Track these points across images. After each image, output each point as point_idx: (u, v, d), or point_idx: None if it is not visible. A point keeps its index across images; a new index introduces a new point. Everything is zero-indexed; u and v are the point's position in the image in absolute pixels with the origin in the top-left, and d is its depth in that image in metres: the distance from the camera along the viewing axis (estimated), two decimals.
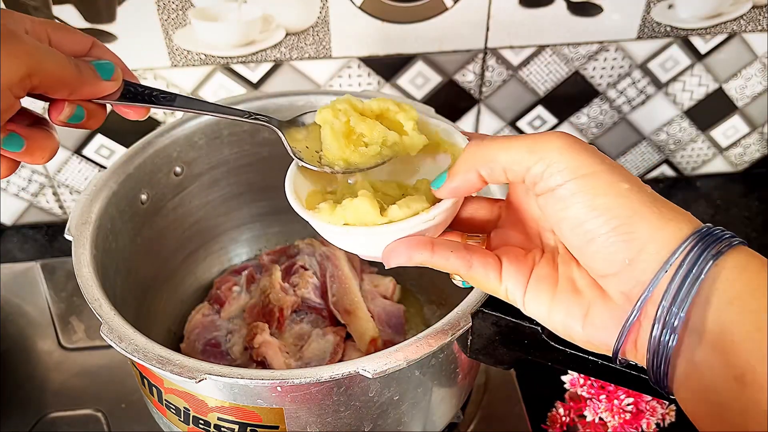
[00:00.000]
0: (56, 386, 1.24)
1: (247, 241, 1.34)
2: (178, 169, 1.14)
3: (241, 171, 1.22)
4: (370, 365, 0.76)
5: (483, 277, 0.70)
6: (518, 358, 0.87)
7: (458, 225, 0.78)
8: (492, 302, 0.83)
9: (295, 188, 0.78)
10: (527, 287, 0.68)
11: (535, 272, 0.69)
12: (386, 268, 0.73)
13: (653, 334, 0.59)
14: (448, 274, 0.73)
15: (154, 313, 1.16)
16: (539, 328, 0.82)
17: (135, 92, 0.80)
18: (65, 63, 0.70)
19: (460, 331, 0.80)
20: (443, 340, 0.79)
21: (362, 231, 0.71)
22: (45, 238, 1.54)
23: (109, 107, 0.78)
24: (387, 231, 0.71)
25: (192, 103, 0.84)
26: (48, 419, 1.18)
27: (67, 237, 0.94)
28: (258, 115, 0.85)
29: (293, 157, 0.80)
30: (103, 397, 1.21)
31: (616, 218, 0.59)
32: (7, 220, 1.56)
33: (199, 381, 0.75)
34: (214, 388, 0.81)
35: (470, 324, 0.81)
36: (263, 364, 1.10)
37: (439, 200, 0.72)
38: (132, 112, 0.81)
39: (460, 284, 0.76)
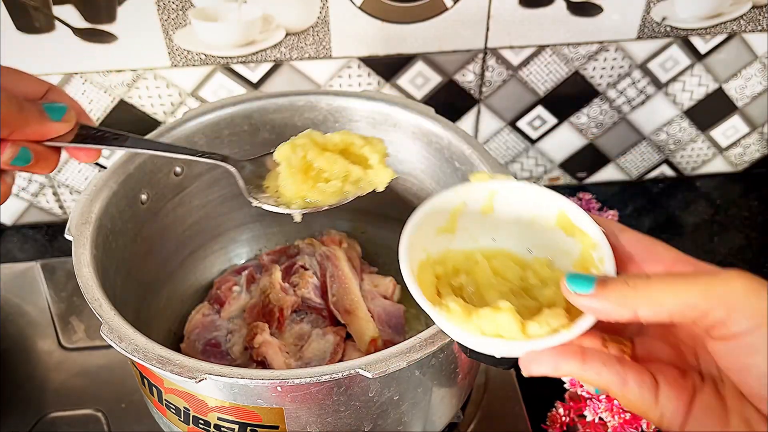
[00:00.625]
0: (56, 386, 1.24)
1: (247, 241, 1.33)
2: (178, 169, 1.13)
3: None
4: (370, 365, 0.76)
5: (637, 397, 0.62)
6: (518, 358, 0.87)
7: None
8: None
9: (410, 262, 0.72)
10: (689, 417, 0.62)
11: (699, 401, 0.62)
12: (524, 375, 0.69)
13: None
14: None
15: (154, 313, 1.16)
16: None
17: (88, 134, 0.80)
18: (5, 102, 0.70)
19: None
20: (443, 340, 0.78)
21: (497, 342, 0.67)
22: (45, 238, 1.54)
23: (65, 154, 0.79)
24: (525, 345, 0.66)
25: (143, 144, 0.85)
26: (48, 419, 1.18)
27: (67, 237, 0.93)
28: (212, 154, 0.85)
29: (247, 197, 0.79)
30: (103, 397, 1.21)
31: None
32: (8, 220, 1.56)
33: (199, 381, 0.75)
34: (214, 388, 0.81)
35: None
36: (263, 364, 1.10)
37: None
38: (83, 155, 0.81)
39: (593, 391, 0.71)
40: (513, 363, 0.85)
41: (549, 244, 0.76)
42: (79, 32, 1.28)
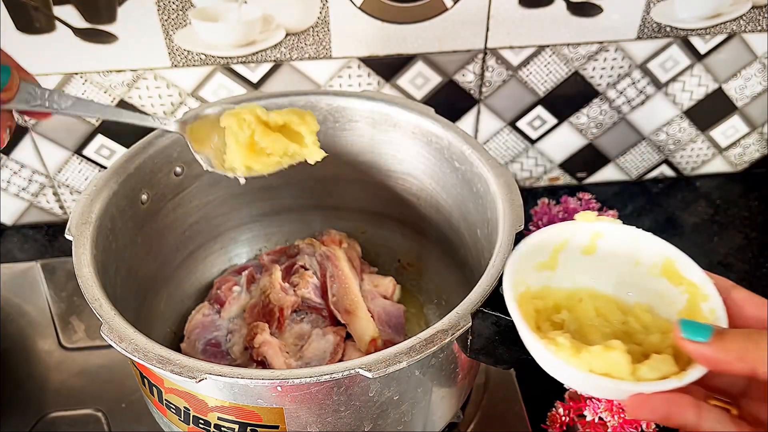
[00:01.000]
0: (56, 386, 1.24)
1: (247, 241, 1.33)
2: (178, 169, 1.13)
3: None
4: (371, 365, 0.76)
5: None
6: (518, 358, 0.86)
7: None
8: (492, 302, 0.83)
9: (514, 292, 0.74)
10: None
11: None
12: (630, 416, 0.67)
13: None
14: (447, 269, 0.71)
15: (154, 313, 1.16)
16: None
17: (32, 95, 0.80)
18: None
19: (460, 331, 0.79)
20: (443, 340, 0.78)
21: (605, 382, 0.66)
22: (45, 238, 1.54)
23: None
24: (633, 387, 0.65)
25: (90, 106, 0.85)
26: (48, 419, 1.18)
27: (68, 237, 0.93)
28: (160, 118, 0.89)
29: (198, 159, 0.81)
30: (103, 396, 1.21)
31: None
32: (8, 220, 1.56)
33: (200, 381, 0.75)
34: (215, 387, 0.81)
35: (470, 324, 0.81)
36: (263, 364, 1.10)
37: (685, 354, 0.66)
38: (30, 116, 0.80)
39: None
40: (513, 363, 0.85)
41: (651, 290, 0.76)
42: (79, 32, 1.28)
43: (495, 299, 0.83)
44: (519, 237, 0.90)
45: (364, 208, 1.32)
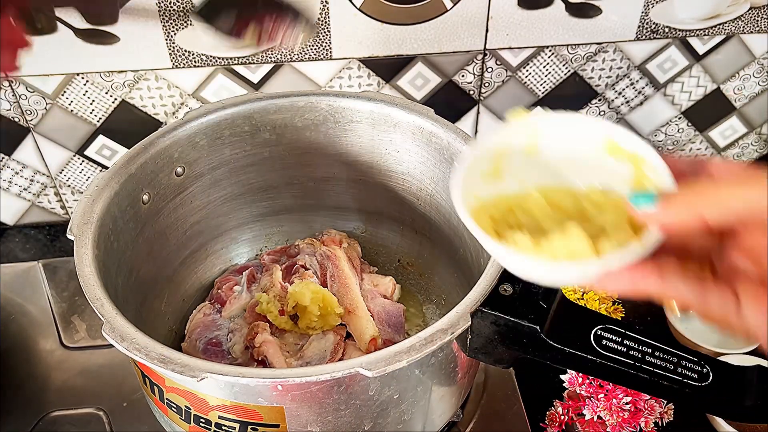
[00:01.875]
0: (58, 385, 1.24)
1: (248, 241, 1.33)
2: (179, 170, 1.13)
3: (242, 171, 1.22)
4: (371, 364, 0.76)
5: (718, 311, 0.62)
6: (517, 357, 0.87)
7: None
8: (491, 301, 0.84)
9: (465, 206, 0.73)
10: None
11: None
12: (602, 291, 0.68)
13: None
14: (447, 269, 0.71)
15: (155, 312, 1.16)
16: (538, 327, 0.82)
17: None
18: None
19: (460, 330, 0.80)
20: (443, 339, 0.79)
21: (571, 267, 0.66)
22: (47, 238, 1.54)
23: None
24: (599, 264, 0.64)
25: None
26: (50, 418, 1.18)
27: (69, 237, 0.94)
28: None
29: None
30: (104, 396, 1.21)
31: None
32: (9, 219, 1.56)
33: (201, 380, 0.75)
34: (215, 387, 0.81)
35: (469, 323, 0.81)
36: (264, 363, 1.10)
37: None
38: None
39: (677, 314, 0.68)
40: (512, 362, 0.85)
41: (599, 171, 0.75)
42: (80, 33, 1.28)
43: (494, 299, 0.84)
44: None
45: (364, 208, 1.32)
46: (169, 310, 1.21)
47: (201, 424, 0.88)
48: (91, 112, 1.38)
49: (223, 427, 0.87)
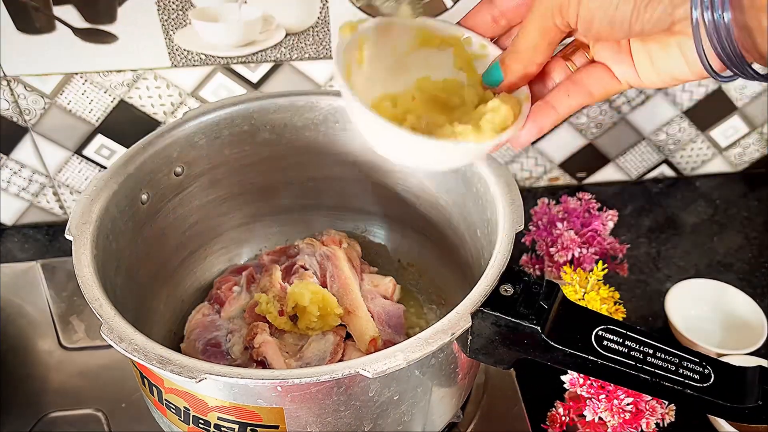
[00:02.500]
0: (57, 386, 1.24)
1: (247, 241, 1.33)
2: (178, 170, 1.13)
3: (242, 171, 1.22)
4: (371, 365, 0.75)
5: (601, 89, 0.72)
6: (518, 358, 0.87)
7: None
8: (492, 302, 0.83)
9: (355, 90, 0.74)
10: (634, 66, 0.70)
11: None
12: (518, 150, 0.74)
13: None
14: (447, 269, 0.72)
15: (154, 313, 1.16)
16: (538, 328, 0.82)
17: None
18: None
19: (460, 331, 0.79)
20: (443, 340, 0.78)
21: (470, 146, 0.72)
22: (45, 238, 1.55)
23: None
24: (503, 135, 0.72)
25: None
26: (48, 419, 1.18)
27: (68, 237, 0.93)
28: None
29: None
30: (103, 396, 1.21)
31: None
32: (8, 220, 1.56)
33: (199, 381, 0.75)
34: (215, 387, 0.81)
35: (470, 324, 0.81)
36: (263, 364, 1.09)
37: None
38: None
39: None
40: (513, 363, 0.85)
41: (429, 65, 0.80)
42: (79, 32, 1.28)
43: (495, 299, 0.84)
44: (519, 237, 0.91)
45: (364, 208, 1.31)
46: (167, 310, 1.21)
47: (200, 425, 0.88)
48: (89, 112, 1.38)
49: (222, 428, 0.86)
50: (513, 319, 0.83)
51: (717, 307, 1.31)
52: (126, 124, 1.40)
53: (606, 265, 1.19)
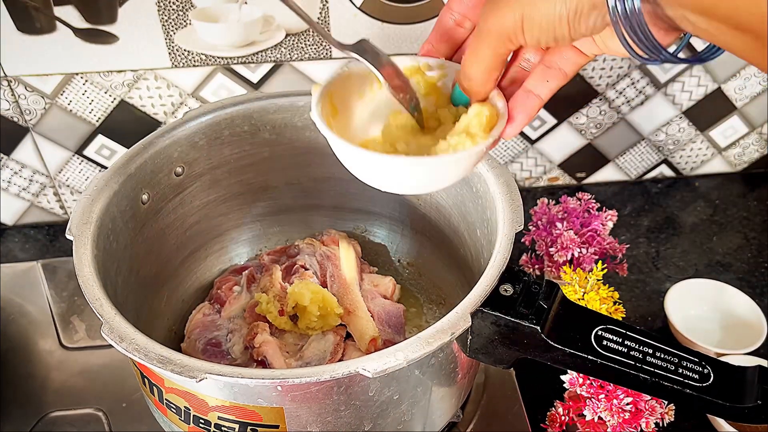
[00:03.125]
0: (57, 385, 1.24)
1: (247, 241, 1.33)
2: (178, 170, 1.13)
3: (242, 171, 1.22)
4: (371, 365, 0.75)
5: (573, 66, 0.74)
6: (518, 358, 0.87)
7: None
8: (491, 302, 0.83)
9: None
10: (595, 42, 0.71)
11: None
12: (508, 138, 0.76)
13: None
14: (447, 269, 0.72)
15: (154, 312, 1.16)
16: (538, 328, 0.82)
17: None
18: None
19: (460, 330, 0.79)
20: (443, 339, 0.78)
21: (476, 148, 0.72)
22: (46, 238, 1.54)
23: None
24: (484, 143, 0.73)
25: None
26: (49, 418, 1.18)
27: (68, 237, 0.93)
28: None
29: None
30: (103, 396, 1.21)
31: None
32: (9, 220, 1.56)
33: (200, 380, 0.75)
34: (215, 387, 0.81)
35: (470, 324, 0.81)
36: (263, 364, 1.09)
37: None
38: None
39: None
40: (512, 363, 0.85)
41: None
42: (79, 33, 1.28)
43: (495, 299, 0.84)
44: (519, 237, 0.91)
45: (364, 208, 1.31)
46: (168, 310, 1.21)
47: (200, 424, 0.88)
48: (90, 112, 1.38)
49: (223, 428, 0.86)
50: (513, 319, 0.83)
51: (716, 307, 1.31)
52: (126, 124, 1.40)
53: (605, 265, 1.20)
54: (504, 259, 0.88)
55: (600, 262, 1.21)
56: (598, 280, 1.17)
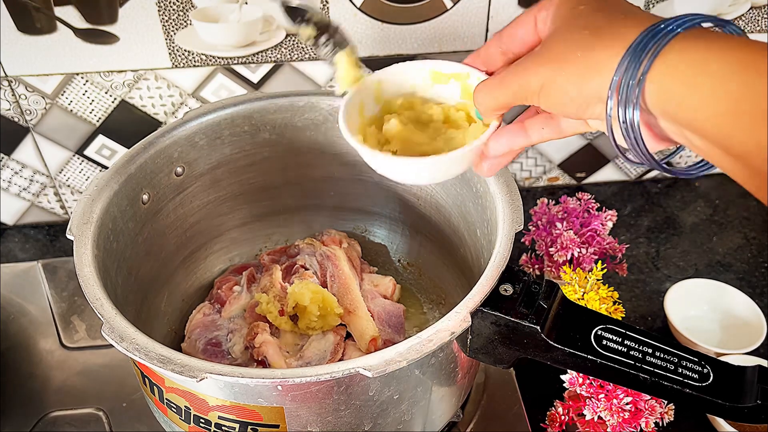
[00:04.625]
0: (58, 385, 1.24)
1: (247, 241, 1.33)
2: (179, 170, 1.13)
3: (242, 171, 1.22)
4: (371, 364, 0.75)
5: (572, 129, 0.76)
6: (518, 358, 0.87)
7: None
8: (491, 302, 0.83)
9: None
10: None
11: None
12: (491, 157, 0.79)
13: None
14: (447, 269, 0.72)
15: (155, 312, 1.16)
16: (538, 327, 0.82)
17: None
18: None
19: (460, 330, 0.79)
20: (443, 339, 0.78)
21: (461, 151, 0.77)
22: (46, 238, 1.54)
23: None
24: (470, 146, 0.77)
25: None
26: (49, 418, 1.18)
27: (69, 237, 0.93)
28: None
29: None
30: (104, 396, 1.21)
31: None
32: (9, 219, 1.55)
33: (200, 380, 0.75)
34: (215, 387, 0.81)
35: (470, 324, 0.81)
36: (264, 364, 1.09)
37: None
38: None
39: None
40: (512, 362, 0.85)
41: (437, 98, 0.86)
42: (80, 33, 1.27)
43: (495, 299, 0.84)
44: (519, 237, 0.91)
45: (364, 208, 1.31)
46: (169, 309, 1.21)
47: (201, 424, 0.88)
48: (90, 112, 1.38)
49: (223, 428, 0.86)
50: (513, 319, 0.83)
51: (716, 306, 1.31)
52: (127, 124, 1.40)
53: (605, 265, 1.20)
54: (504, 258, 0.88)
55: (600, 262, 1.21)
56: (598, 280, 1.17)
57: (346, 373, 0.76)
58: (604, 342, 0.83)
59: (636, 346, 0.84)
